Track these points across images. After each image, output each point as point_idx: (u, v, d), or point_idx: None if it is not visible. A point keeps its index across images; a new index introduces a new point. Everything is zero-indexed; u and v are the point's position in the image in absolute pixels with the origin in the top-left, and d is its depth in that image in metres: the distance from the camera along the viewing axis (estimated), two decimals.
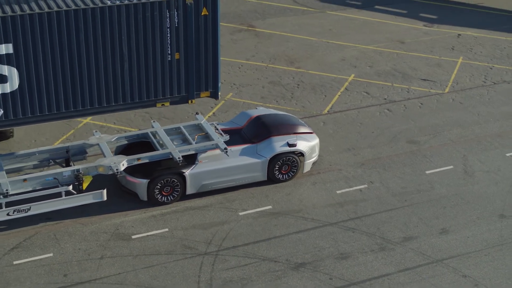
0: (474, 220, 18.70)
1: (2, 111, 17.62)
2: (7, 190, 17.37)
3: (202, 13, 18.56)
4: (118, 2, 17.79)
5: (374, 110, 23.90)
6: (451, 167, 20.89)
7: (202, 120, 20.26)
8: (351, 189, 19.84)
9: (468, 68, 27.07)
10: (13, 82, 17.53)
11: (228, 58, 27.34)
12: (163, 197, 18.93)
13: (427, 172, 20.64)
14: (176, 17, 18.40)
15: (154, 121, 20.26)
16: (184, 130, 19.88)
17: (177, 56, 18.78)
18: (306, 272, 16.84)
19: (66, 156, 19.27)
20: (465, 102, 24.54)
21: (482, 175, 20.54)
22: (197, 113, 20.74)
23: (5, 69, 17.29)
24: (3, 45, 17.06)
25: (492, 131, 22.82)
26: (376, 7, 32.85)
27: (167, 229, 18.14)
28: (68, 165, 19.20)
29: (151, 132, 19.81)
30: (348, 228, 18.30)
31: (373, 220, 18.60)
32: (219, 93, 19.84)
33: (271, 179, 19.92)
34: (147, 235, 17.91)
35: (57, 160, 19.27)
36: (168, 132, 19.81)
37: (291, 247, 17.61)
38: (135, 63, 18.49)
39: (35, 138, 21.80)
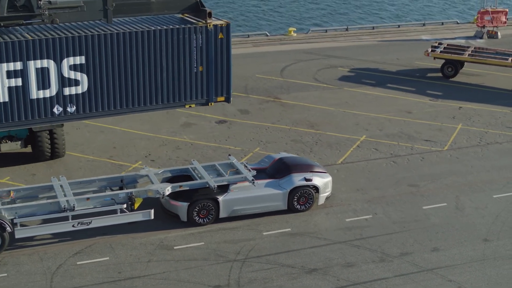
0: (461, 242, 22.13)
1: (75, 107, 23.61)
2: (74, 205, 21.28)
3: (219, 36, 24.93)
4: (159, 28, 24.21)
5: (381, 162, 27.73)
6: (445, 204, 24.47)
7: (234, 160, 24.23)
8: (358, 218, 23.46)
9: (466, 132, 30.95)
10: (83, 85, 23.91)
11: (256, 122, 31.54)
12: (200, 219, 22.66)
13: (424, 207, 24.22)
14: (200, 39, 24.89)
15: (193, 160, 24.30)
16: (218, 167, 23.82)
17: (200, 68, 25.15)
18: (318, 275, 20.32)
19: (121, 185, 23.21)
20: (461, 157, 28.30)
21: (471, 210, 24.06)
22: (229, 155, 24.77)
23: (79, 75, 23.63)
24: (78, 57, 23.39)
25: (483, 178, 26.46)
26: (388, 85, 37.16)
27: (203, 243, 21.81)
28: None
29: (191, 168, 23.80)
30: (354, 245, 21.83)
31: (376, 240, 22.12)
32: (231, 98, 26.17)
33: (290, 209, 23.59)
34: (187, 247, 21.58)
35: (113, 188, 23.20)
36: (205, 168, 23.78)
37: (306, 257, 21.15)
38: (171, 73, 24.86)
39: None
